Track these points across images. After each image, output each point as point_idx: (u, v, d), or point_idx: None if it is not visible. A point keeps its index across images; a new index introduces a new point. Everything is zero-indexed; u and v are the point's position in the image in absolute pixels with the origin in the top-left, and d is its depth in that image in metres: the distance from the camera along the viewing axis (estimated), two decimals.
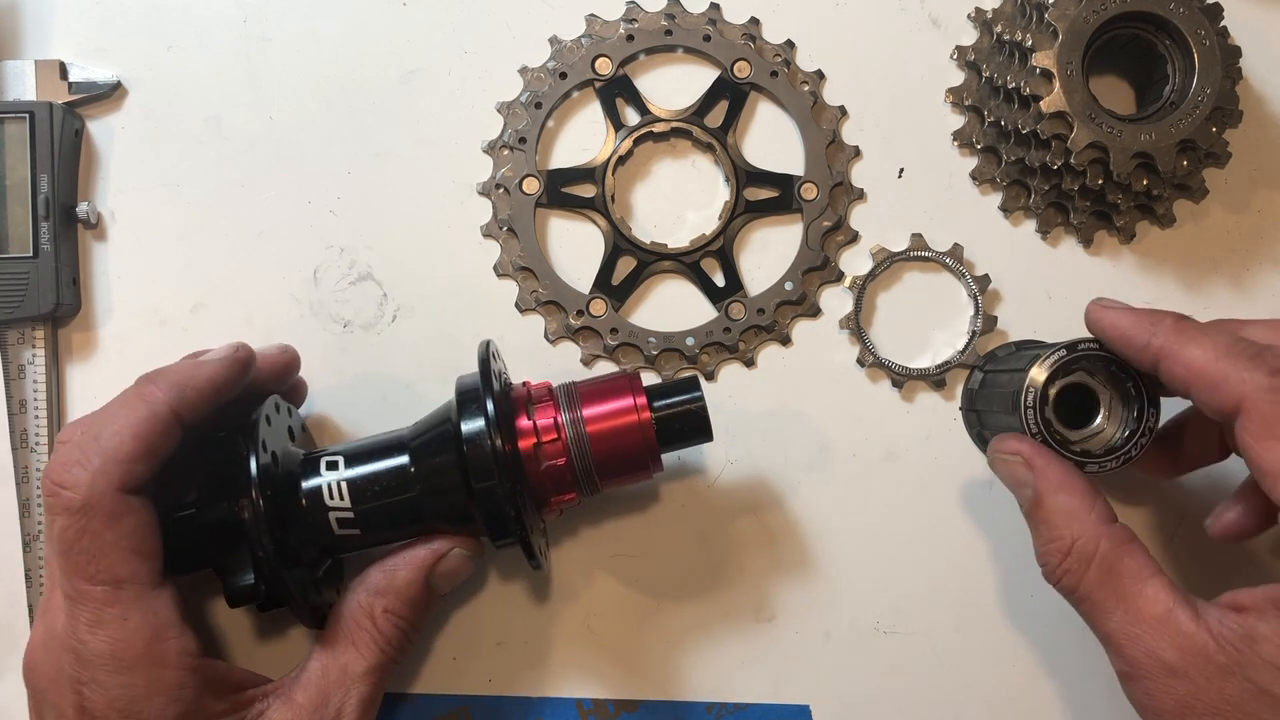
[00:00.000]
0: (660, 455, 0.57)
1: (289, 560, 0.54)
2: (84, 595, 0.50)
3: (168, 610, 0.51)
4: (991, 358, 0.64)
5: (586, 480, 0.56)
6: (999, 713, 0.64)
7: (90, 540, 0.50)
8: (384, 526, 0.56)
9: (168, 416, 0.52)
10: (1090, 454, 0.53)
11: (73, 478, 0.50)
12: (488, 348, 0.57)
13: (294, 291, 0.66)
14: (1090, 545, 0.51)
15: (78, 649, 0.50)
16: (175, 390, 0.53)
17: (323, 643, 0.56)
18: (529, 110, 0.67)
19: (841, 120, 0.68)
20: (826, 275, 0.67)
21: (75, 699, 0.50)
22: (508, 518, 0.53)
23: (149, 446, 0.51)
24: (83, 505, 0.50)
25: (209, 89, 0.68)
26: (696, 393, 0.57)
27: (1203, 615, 0.48)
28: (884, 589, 0.65)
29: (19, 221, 0.63)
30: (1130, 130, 0.60)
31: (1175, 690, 0.47)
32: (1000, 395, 0.58)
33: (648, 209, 0.68)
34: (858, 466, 0.66)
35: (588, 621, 0.65)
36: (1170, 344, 0.50)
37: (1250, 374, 0.47)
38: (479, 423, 0.53)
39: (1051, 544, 0.52)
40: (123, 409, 0.52)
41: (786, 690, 0.64)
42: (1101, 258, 0.67)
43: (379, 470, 0.56)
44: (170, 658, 0.51)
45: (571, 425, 0.55)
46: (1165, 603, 0.48)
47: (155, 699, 0.50)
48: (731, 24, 0.68)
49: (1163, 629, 0.48)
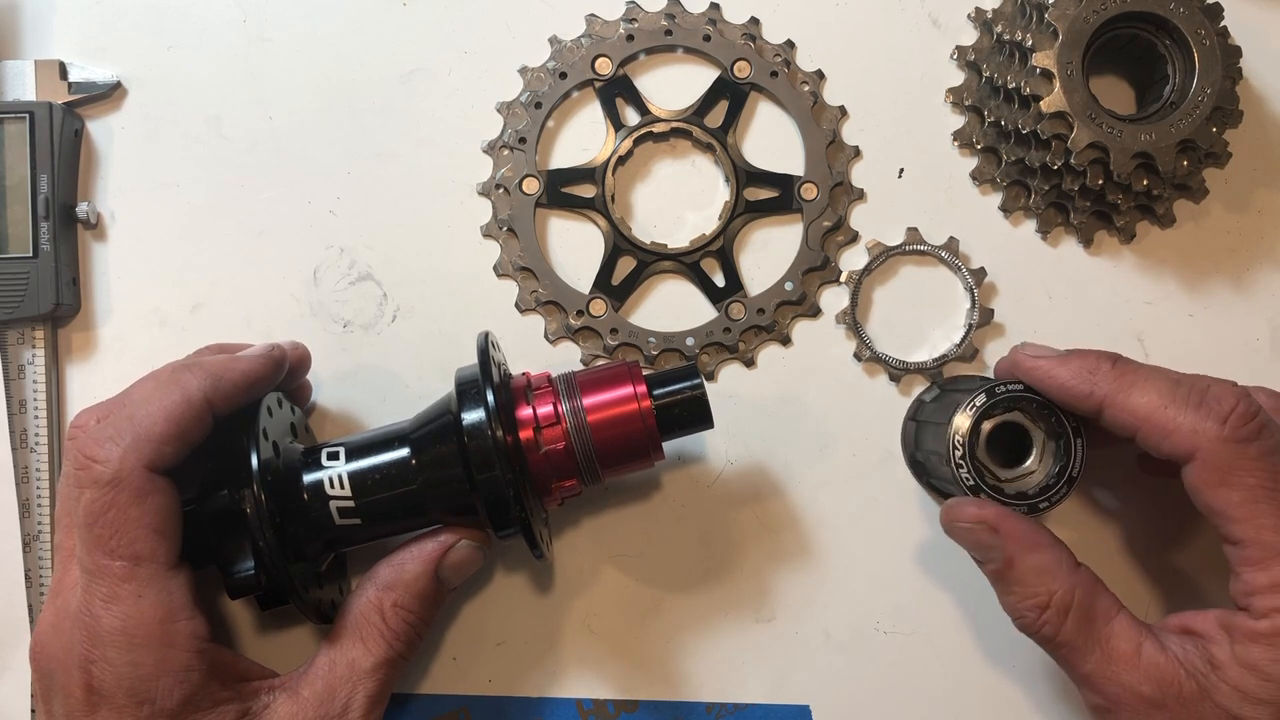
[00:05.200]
0: (661, 443, 0.57)
1: (291, 553, 0.54)
2: (103, 570, 0.51)
3: (182, 592, 0.52)
4: (920, 406, 0.63)
5: (588, 468, 0.56)
6: (999, 713, 0.64)
7: (116, 514, 0.51)
8: (386, 518, 0.56)
9: (201, 403, 0.53)
10: (1025, 495, 0.54)
11: (105, 452, 0.51)
12: (486, 338, 0.57)
13: (294, 291, 0.66)
14: (1068, 597, 0.52)
15: (91, 625, 0.50)
16: (211, 380, 0.54)
17: (331, 638, 0.56)
18: (529, 110, 0.67)
19: (841, 120, 0.68)
20: (826, 275, 0.67)
21: (84, 677, 0.50)
22: (509, 507, 0.53)
23: (180, 429, 0.52)
24: (112, 479, 0.51)
25: (209, 89, 0.68)
26: (696, 380, 0.57)
27: (1166, 646, 0.51)
28: (884, 589, 0.65)
29: (19, 221, 0.63)
30: (1130, 130, 0.60)
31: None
32: (934, 447, 0.58)
33: (648, 209, 0.68)
34: (858, 466, 0.66)
35: (588, 621, 0.65)
36: (1114, 392, 0.52)
37: (1201, 424, 0.50)
38: (479, 413, 0.53)
39: (1028, 600, 0.53)
40: (158, 391, 0.53)
41: (786, 690, 0.64)
42: (1101, 258, 0.67)
43: (380, 462, 0.56)
44: (180, 639, 0.51)
45: (572, 414, 0.55)
46: (1134, 639, 0.51)
47: (163, 679, 0.51)
48: (731, 24, 0.68)
49: (1136, 664, 0.50)
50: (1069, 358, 0.55)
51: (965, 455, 0.54)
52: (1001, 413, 0.54)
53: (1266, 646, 0.48)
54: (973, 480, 0.54)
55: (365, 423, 0.66)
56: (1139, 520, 0.65)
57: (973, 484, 0.54)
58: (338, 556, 0.61)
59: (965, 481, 0.54)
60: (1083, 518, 0.65)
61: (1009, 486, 0.54)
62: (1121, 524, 0.65)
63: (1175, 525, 0.64)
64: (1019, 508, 0.53)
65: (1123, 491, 0.65)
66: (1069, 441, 0.53)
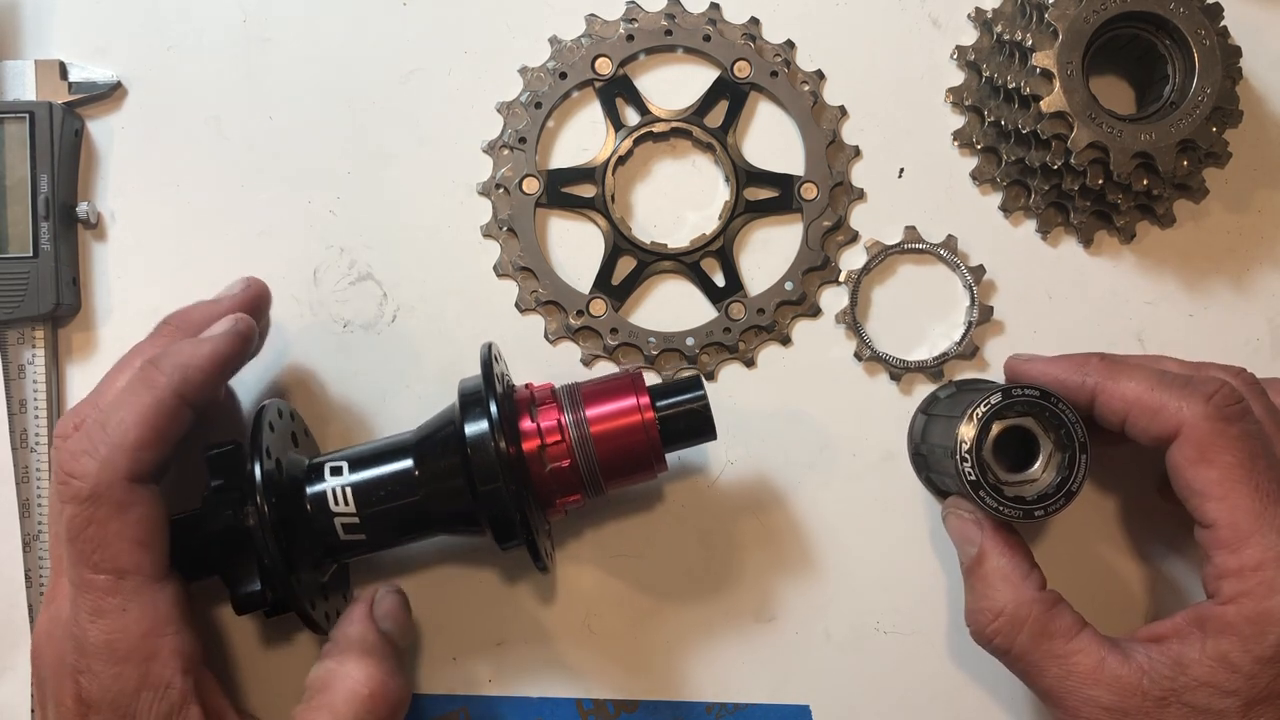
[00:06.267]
0: (664, 455, 0.57)
1: (294, 566, 0.54)
2: (88, 584, 0.50)
3: (167, 605, 0.52)
4: (933, 401, 0.63)
5: (591, 481, 0.56)
6: (999, 713, 0.64)
7: (96, 530, 0.50)
8: (389, 530, 0.56)
9: (173, 401, 0.52)
10: (1022, 500, 0.54)
11: (81, 467, 0.50)
12: (490, 350, 0.57)
13: (294, 291, 0.66)
14: (1024, 610, 0.53)
15: (78, 637, 0.50)
16: (179, 373, 0.53)
17: (298, 711, 0.55)
18: (529, 110, 0.67)
19: (841, 120, 0.68)
20: (826, 275, 0.67)
21: (73, 688, 0.50)
22: (513, 520, 0.53)
23: (156, 433, 0.52)
24: (90, 494, 0.50)
25: (209, 89, 0.67)
26: (699, 392, 0.57)
27: (1131, 656, 0.51)
28: (884, 589, 0.65)
29: (19, 221, 0.63)
30: (1130, 130, 0.60)
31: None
32: (941, 441, 0.58)
33: (648, 209, 0.68)
34: (858, 466, 0.66)
35: (588, 621, 0.65)
36: (1104, 380, 0.55)
37: (1187, 402, 0.52)
38: (482, 425, 0.53)
39: (983, 603, 0.55)
40: (128, 396, 0.52)
41: (786, 690, 0.64)
42: (1101, 258, 0.67)
43: (383, 474, 0.56)
44: (164, 654, 0.51)
45: (575, 426, 0.55)
46: (1096, 653, 0.52)
47: (144, 693, 0.50)
48: (731, 24, 0.68)
49: (1097, 677, 0.51)
50: (1061, 357, 0.58)
51: (972, 450, 0.54)
52: (1015, 415, 0.54)
53: (1234, 636, 0.49)
54: (974, 476, 0.54)
55: (366, 423, 0.66)
56: (1140, 531, 0.65)
57: (974, 479, 0.54)
58: (340, 566, 0.61)
59: (967, 477, 0.54)
60: (1084, 521, 0.65)
61: (1009, 489, 0.54)
62: (1122, 533, 0.65)
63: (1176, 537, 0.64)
64: (1015, 511, 0.53)
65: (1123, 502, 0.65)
66: (1075, 456, 0.53)
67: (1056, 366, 0.57)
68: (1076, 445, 0.54)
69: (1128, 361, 0.56)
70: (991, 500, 0.53)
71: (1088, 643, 0.52)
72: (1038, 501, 0.54)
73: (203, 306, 0.58)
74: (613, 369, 0.66)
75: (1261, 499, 0.50)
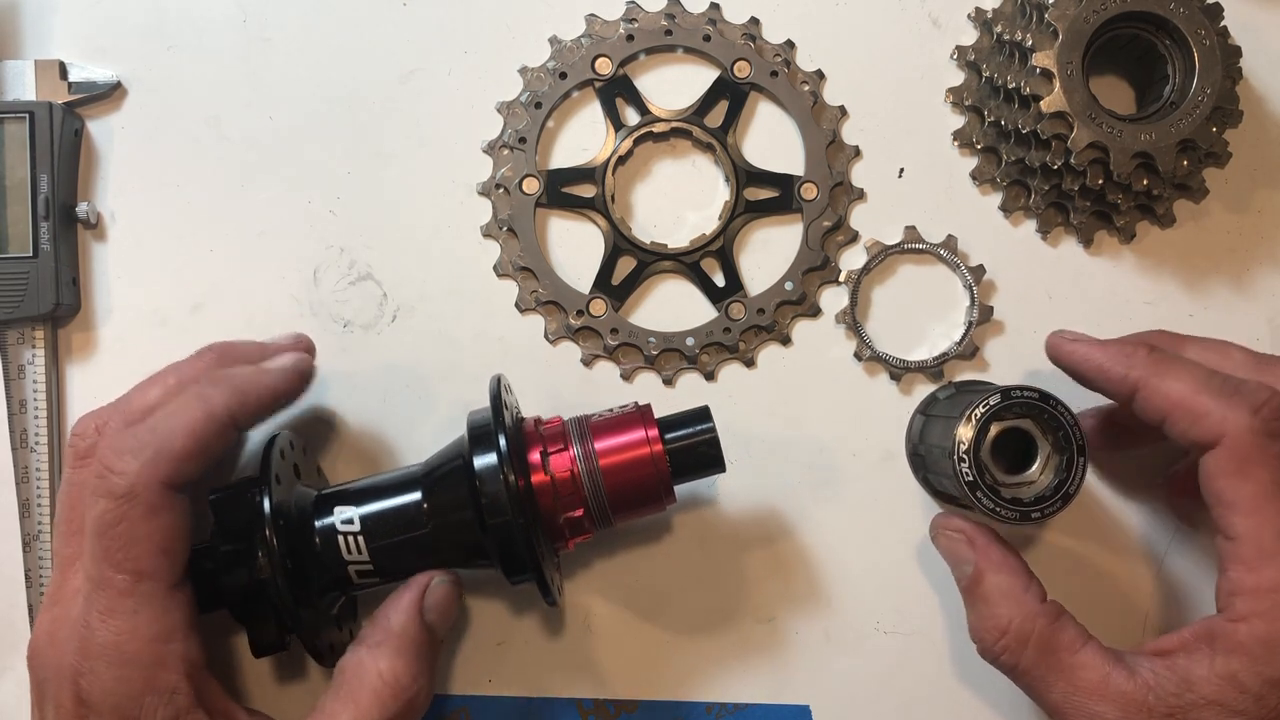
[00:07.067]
0: (673, 487, 0.57)
1: (304, 602, 0.54)
2: (106, 581, 0.50)
3: (180, 613, 0.52)
4: (932, 401, 0.63)
5: (600, 514, 0.56)
6: (999, 713, 0.64)
7: (126, 528, 0.50)
8: (398, 564, 0.56)
9: (224, 420, 0.53)
10: (1019, 502, 0.54)
11: (123, 464, 0.51)
12: (499, 383, 0.57)
13: (294, 291, 0.66)
14: (1028, 624, 0.53)
15: (85, 636, 0.50)
16: (236, 396, 0.53)
17: (321, 703, 0.55)
18: (529, 110, 0.67)
19: (841, 120, 0.68)
20: (827, 275, 0.67)
21: (73, 690, 0.50)
22: (522, 555, 0.54)
23: (202, 446, 0.52)
24: (127, 492, 0.50)
25: (209, 89, 0.68)
26: (709, 424, 0.57)
27: (1137, 671, 0.50)
28: (884, 589, 0.65)
29: (19, 221, 0.63)
30: (1130, 130, 0.60)
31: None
32: (939, 442, 0.58)
33: (648, 209, 0.68)
34: (858, 466, 0.65)
35: (588, 621, 0.65)
36: (1148, 375, 0.52)
37: (1233, 411, 0.50)
38: (491, 458, 0.53)
39: (988, 622, 0.54)
40: (182, 406, 0.53)
41: (786, 690, 0.64)
42: (1101, 258, 0.67)
43: (392, 508, 0.56)
44: (171, 660, 0.51)
45: (584, 459, 0.55)
46: (1101, 668, 0.51)
47: (148, 697, 0.50)
48: (731, 24, 0.68)
49: (1103, 692, 0.50)
50: (1108, 342, 0.56)
51: (970, 451, 0.54)
52: (1013, 417, 0.54)
53: (1245, 656, 0.48)
54: (972, 477, 0.54)
55: (365, 423, 0.66)
56: (1144, 537, 0.65)
57: (971, 480, 0.54)
58: (348, 598, 0.61)
59: (965, 477, 0.54)
60: (1084, 526, 0.65)
61: (1006, 491, 0.54)
62: (1126, 540, 0.65)
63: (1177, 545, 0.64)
64: (1012, 513, 0.53)
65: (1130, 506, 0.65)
66: (1073, 459, 0.53)
67: (1102, 353, 0.55)
68: (1075, 448, 0.53)
69: (1176, 358, 0.53)
70: (989, 501, 0.53)
71: (1092, 656, 0.51)
72: (1035, 503, 0.53)
73: (249, 343, 0.60)
74: (613, 369, 0.66)
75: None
